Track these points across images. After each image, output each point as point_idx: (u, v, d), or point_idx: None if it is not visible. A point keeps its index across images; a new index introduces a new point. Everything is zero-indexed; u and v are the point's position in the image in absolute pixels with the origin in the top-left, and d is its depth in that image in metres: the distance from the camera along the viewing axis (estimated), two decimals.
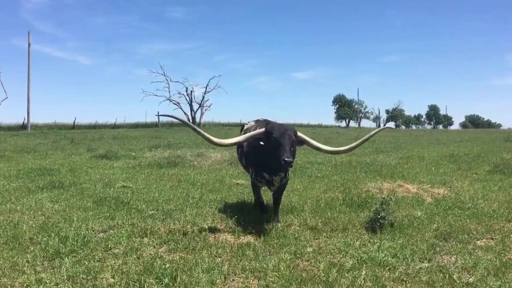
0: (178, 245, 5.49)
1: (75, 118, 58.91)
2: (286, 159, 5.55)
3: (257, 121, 7.37)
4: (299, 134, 6.20)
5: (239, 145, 6.96)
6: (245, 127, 7.60)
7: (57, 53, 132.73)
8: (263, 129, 6.14)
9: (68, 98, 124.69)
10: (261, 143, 6.02)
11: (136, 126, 61.69)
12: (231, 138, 6.59)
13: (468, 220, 6.75)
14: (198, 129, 6.29)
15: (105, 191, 9.14)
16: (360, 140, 6.44)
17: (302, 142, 6.26)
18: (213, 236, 5.96)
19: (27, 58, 53.52)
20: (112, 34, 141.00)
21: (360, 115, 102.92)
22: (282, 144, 5.73)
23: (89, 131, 45.61)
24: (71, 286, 4.16)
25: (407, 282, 4.37)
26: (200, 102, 69.12)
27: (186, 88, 68.64)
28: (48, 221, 6.59)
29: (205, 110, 69.93)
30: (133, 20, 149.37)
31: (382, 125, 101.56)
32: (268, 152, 5.95)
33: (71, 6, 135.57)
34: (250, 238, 5.87)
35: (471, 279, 4.45)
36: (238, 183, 10.32)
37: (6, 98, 55.80)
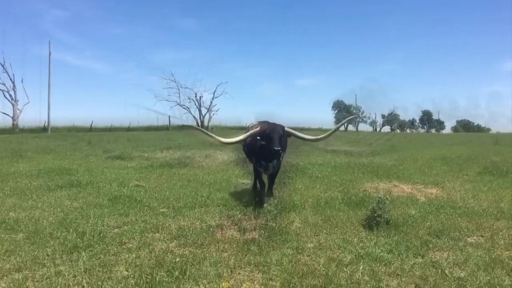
0: (188, 240, 5.50)
1: (92, 122, 58.87)
2: (275, 148, 6.76)
3: (259, 122, 7.85)
4: (286, 128, 7.22)
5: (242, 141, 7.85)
6: (249, 125, 8.42)
7: (76, 61, 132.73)
8: (259, 128, 7.20)
9: (86, 103, 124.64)
10: (258, 138, 7.06)
11: (148, 129, 61.72)
12: (235, 137, 7.50)
13: (459, 218, 6.72)
14: (207, 132, 7.32)
15: (120, 190, 9.15)
16: (332, 130, 8.08)
17: (289, 134, 7.30)
18: (220, 232, 5.96)
19: (48, 65, 53.75)
20: (127, 44, 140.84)
21: (358, 119, 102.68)
22: (272, 137, 6.85)
23: (105, 133, 45.66)
24: (88, 278, 4.17)
25: (402, 276, 4.36)
26: (208, 107, 69.27)
27: (195, 93, 68.85)
28: (66, 217, 6.60)
29: (213, 114, 70.05)
30: (147, 31, 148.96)
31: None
32: (264, 144, 6.98)
33: (90, 18, 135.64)
34: (254, 234, 5.87)
35: (462, 274, 4.43)
36: (243, 183, 10.30)
37: (28, 103, 56.12)
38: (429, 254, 5.08)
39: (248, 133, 7.37)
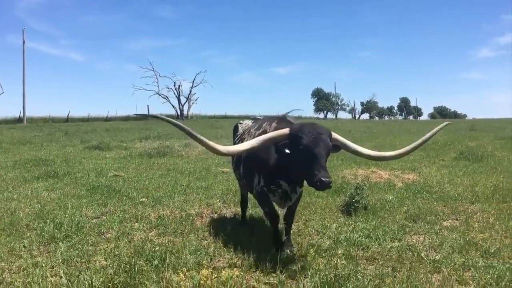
0: (167, 229, 5.49)
1: (69, 112, 58.03)
2: (323, 179, 3.67)
3: (255, 120, 5.53)
4: (334, 135, 4.25)
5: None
6: (240, 128, 5.60)
7: (50, 50, 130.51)
8: (285, 130, 4.17)
9: (62, 93, 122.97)
10: (287, 151, 4.05)
11: (127, 118, 61.01)
12: (237, 144, 4.71)
13: (435, 203, 6.86)
14: (198, 136, 4.05)
15: (98, 180, 9.07)
16: (417, 143, 4.54)
17: (338, 146, 4.27)
18: (200, 221, 5.96)
19: (22, 55, 52.51)
20: (103, 32, 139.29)
21: (337, 107, 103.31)
22: (316, 155, 3.85)
23: (82, 123, 45.02)
24: (66, 269, 4.12)
25: (379, 260, 4.43)
26: (187, 96, 68.78)
27: (174, 82, 68.33)
28: (43, 208, 6.51)
29: (192, 103, 69.65)
30: (123, 18, 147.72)
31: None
32: (292, 161, 4.10)
33: (64, 5, 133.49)
34: (234, 222, 5.89)
35: (437, 256, 4.53)
36: (223, 171, 10.31)
37: (2, 93, 54.93)
38: (406, 238, 5.18)
39: (262, 138, 4.20)
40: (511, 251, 4.60)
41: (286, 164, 4.22)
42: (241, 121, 5.81)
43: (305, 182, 4.17)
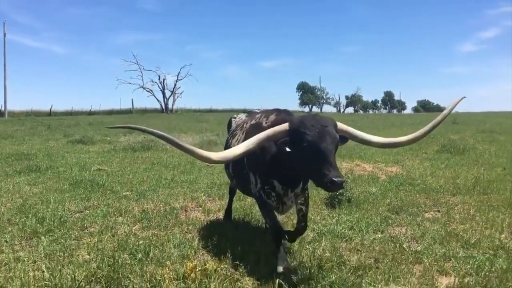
0: (151, 223, 5.47)
1: (52, 106, 57.34)
2: (335, 180, 3.17)
3: (249, 114, 5.07)
4: (339, 125, 3.77)
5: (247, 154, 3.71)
6: (233, 122, 5.22)
7: (33, 43, 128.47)
8: (284, 126, 3.63)
9: (45, 86, 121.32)
10: (287, 149, 3.51)
11: (111, 112, 60.58)
12: (231, 148, 3.83)
13: (417, 195, 6.94)
14: (185, 145, 3.50)
15: (81, 174, 8.98)
16: (433, 123, 4.03)
17: (345, 137, 3.82)
18: (184, 214, 5.96)
19: (3, 47, 51.63)
20: (86, 25, 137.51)
21: (322, 101, 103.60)
22: (323, 151, 3.34)
23: (65, 117, 44.43)
24: (48, 263, 4.08)
25: (362, 251, 4.48)
26: (172, 90, 68.33)
27: (159, 76, 67.82)
28: (25, 203, 6.43)
29: (177, 97, 69.23)
30: (107, 11, 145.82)
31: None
32: (295, 160, 3.59)
33: None
34: (218, 216, 5.89)
35: (419, 247, 4.60)
36: (208, 165, 10.27)
37: None
38: (388, 230, 5.24)
39: (259, 138, 3.60)
40: (491, 242, 4.69)
41: (287, 163, 3.70)
42: (235, 115, 5.41)
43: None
